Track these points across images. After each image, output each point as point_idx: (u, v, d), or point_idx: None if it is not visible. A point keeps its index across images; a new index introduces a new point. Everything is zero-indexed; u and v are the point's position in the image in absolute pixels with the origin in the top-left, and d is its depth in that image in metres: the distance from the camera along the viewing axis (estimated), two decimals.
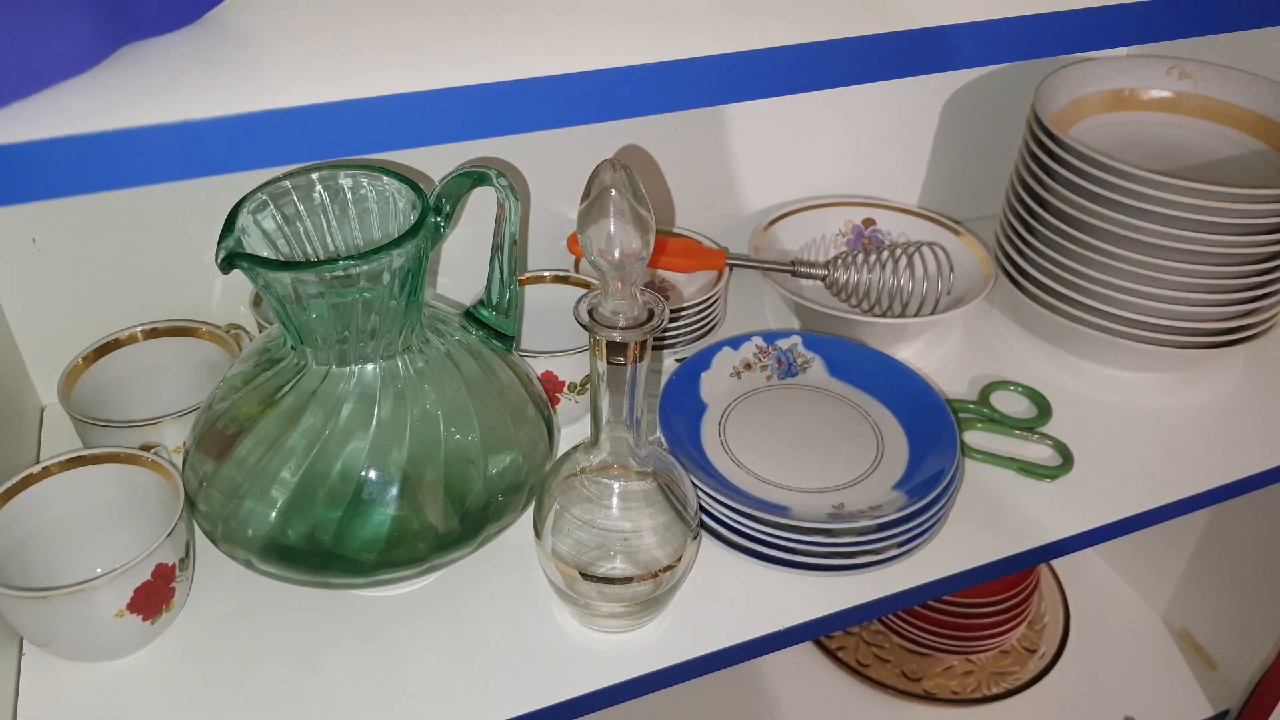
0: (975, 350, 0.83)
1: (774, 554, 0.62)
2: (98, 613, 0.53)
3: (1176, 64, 0.84)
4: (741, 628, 0.60)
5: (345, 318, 0.51)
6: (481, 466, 0.56)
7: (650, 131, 0.81)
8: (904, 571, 0.63)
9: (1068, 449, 0.73)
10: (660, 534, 0.56)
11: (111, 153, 0.31)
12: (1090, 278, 0.75)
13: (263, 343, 0.57)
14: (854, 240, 0.90)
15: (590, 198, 0.47)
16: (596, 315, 0.50)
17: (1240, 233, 0.70)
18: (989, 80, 0.91)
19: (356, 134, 0.34)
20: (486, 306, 0.61)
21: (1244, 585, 0.97)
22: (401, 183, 0.54)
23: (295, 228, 0.54)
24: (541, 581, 0.62)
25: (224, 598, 0.61)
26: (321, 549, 0.54)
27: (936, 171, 0.95)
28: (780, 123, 0.86)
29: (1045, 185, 0.76)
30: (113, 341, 0.68)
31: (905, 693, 1.00)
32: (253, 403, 0.54)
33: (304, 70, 0.35)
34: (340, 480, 0.53)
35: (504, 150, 0.76)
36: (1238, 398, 0.79)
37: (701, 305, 0.77)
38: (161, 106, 0.32)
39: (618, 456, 0.56)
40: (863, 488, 0.66)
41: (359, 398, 0.53)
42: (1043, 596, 1.10)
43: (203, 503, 0.55)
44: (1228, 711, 1.01)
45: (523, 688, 0.57)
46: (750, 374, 0.75)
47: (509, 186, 0.56)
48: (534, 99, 0.35)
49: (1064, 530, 0.67)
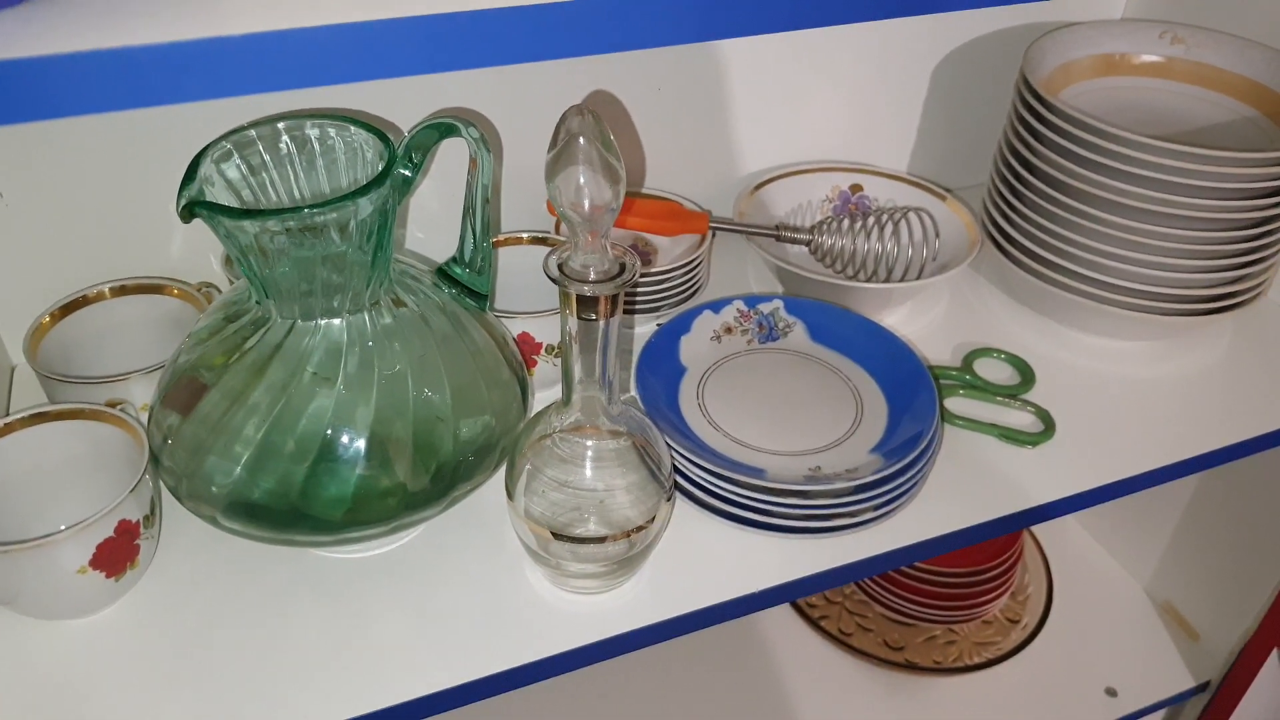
0: (960, 317, 0.82)
1: (749, 516, 0.61)
2: (60, 568, 0.52)
3: (1169, 28, 0.82)
4: (716, 589, 0.60)
5: (310, 271, 0.50)
6: (452, 425, 0.55)
7: (635, 92, 0.79)
8: (881, 535, 0.63)
9: (1050, 416, 0.72)
10: (633, 493, 0.55)
11: (47, 80, 0.30)
12: (1077, 243, 0.74)
13: (230, 295, 0.56)
14: (841, 206, 0.88)
15: (557, 146, 0.46)
16: (566, 269, 0.49)
17: (1230, 197, 0.68)
18: (978, 45, 0.89)
19: (309, 64, 0.32)
20: (459, 264, 0.60)
21: (1227, 557, 0.97)
22: (369, 133, 0.53)
23: (260, 178, 0.53)
24: (514, 542, 0.61)
25: (191, 556, 0.60)
26: (287, 506, 0.53)
27: (925, 138, 0.94)
28: (769, 86, 0.84)
29: (1033, 149, 0.75)
30: (80, 299, 0.67)
31: (887, 661, 0.99)
32: (218, 355, 0.53)
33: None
34: (306, 436, 0.52)
35: (481, 104, 0.74)
36: (1224, 365, 0.78)
37: (684, 269, 0.76)
38: (100, 31, 0.31)
39: (590, 416, 0.55)
40: (840, 451, 0.65)
41: (325, 352, 0.52)
42: (1026, 567, 1.09)
43: (167, 458, 0.54)
44: (1209, 683, 1.01)
45: (494, 649, 0.56)
46: (731, 338, 0.74)
47: (480, 139, 0.55)
48: (499, 29, 0.34)
49: (1043, 496, 0.66)
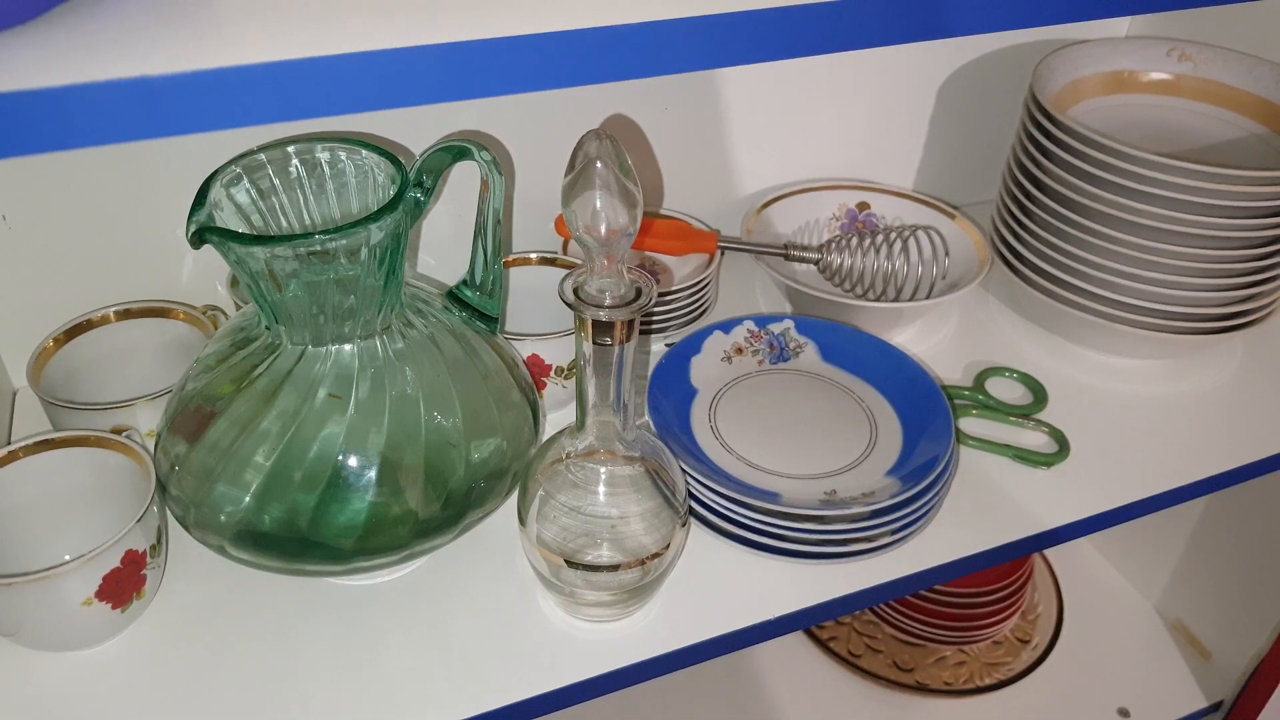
0: (970, 336, 0.82)
1: (765, 541, 0.60)
2: (65, 600, 0.52)
3: (1177, 46, 0.82)
4: (731, 617, 0.59)
5: (321, 296, 0.50)
6: (463, 451, 0.55)
7: (642, 111, 0.79)
8: (897, 559, 0.62)
9: (1064, 436, 0.71)
10: (648, 520, 0.55)
11: (63, 110, 0.30)
12: (1088, 262, 0.73)
13: (238, 321, 0.55)
14: (848, 224, 0.88)
15: (574, 170, 0.45)
16: (582, 294, 0.48)
17: (1240, 215, 0.68)
18: (986, 63, 0.89)
19: (323, 93, 0.32)
20: (470, 287, 0.59)
21: (1239, 576, 0.96)
22: (380, 156, 0.52)
23: (270, 202, 0.52)
24: (526, 569, 0.60)
25: (197, 586, 0.59)
26: (297, 535, 0.52)
27: (932, 155, 0.93)
28: (775, 105, 0.84)
29: (1042, 167, 0.74)
30: (85, 322, 0.66)
31: (897, 683, 0.98)
32: (226, 383, 0.52)
33: (268, 26, 0.33)
34: (316, 464, 0.51)
35: (491, 127, 0.74)
36: (1236, 385, 0.78)
37: (693, 289, 0.76)
38: (115, 62, 0.30)
39: (604, 441, 0.54)
40: (855, 474, 0.64)
41: (336, 379, 0.52)
42: (1036, 587, 1.08)
43: (174, 487, 0.53)
44: (1222, 702, 1.00)
45: (507, 679, 0.55)
46: (741, 358, 0.73)
47: (492, 162, 0.54)
48: (512, 58, 0.33)
49: (1060, 518, 0.66)
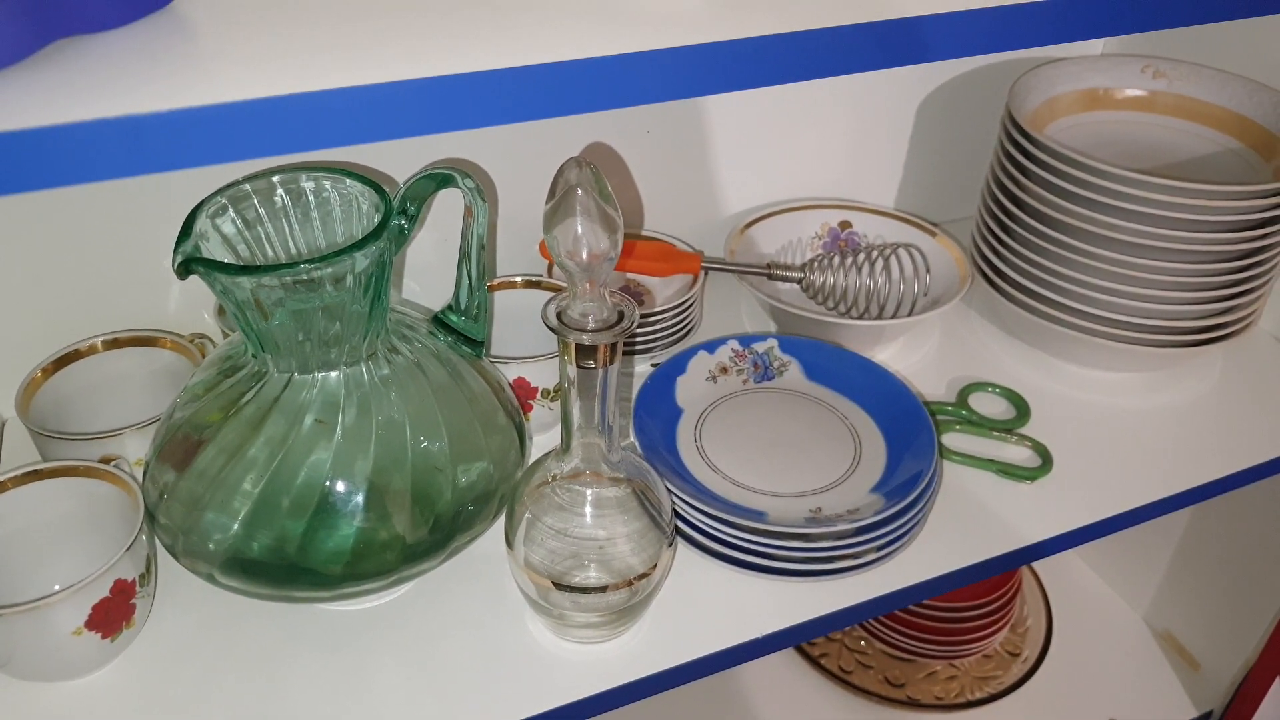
0: (953, 352, 0.82)
1: (751, 560, 0.60)
2: (55, 631, 0.52)
3: (1151, 63, 0.84)
4: (719, 636, 0.59)
5: (307, 324, 0.50)
6: (450, 475, 0.55)
7: (624, 134, 0.80)
8: (884, 575, 0.62)
9: (1047, 450, 0.72)
10: (635, 541, 0.55)
11: (51, 150, 0.30)
12: (1067, 277, 0.74)
13: (225, 350, 0.56)
14: (830, 243, 0.89)
15: (555, 197, 0.46)
16: (565, 318, 0.49)
17: (1216, 230, 0.69)
18: (964, 81, 0.90)
19: (307, 128, 0.32)
20: (455, 311, 0.60)
21: (1226, 586, 0.97)
22: (365, 185, 0.53)
23: (256, 232, 0.53)
24: (514, 592, 0.60)
25: (186, 614, 0.59)
26: (285, 562, 0.52)
27: (912, 173, 0.94)
28: (755, 126, 0.85)
29: (1020, 185, 0.75)
30: (73, 352, 0.66)
31: (888, 699, 0.99)
32: (213, 411, 0.53)
33: (252, 64, 0.34)
34: (304, 490, 0.52)
35: (474, 153, 0.75)
36: (1216, 396, 0.79)
37: (677, 309, 0.76)
38: (102, 100, 0.31)
39: (589, 463, 0.54)
40: (840, 491, 0.65)
41: (322, 405, 0.52)
42: (1025, 600, 1.09)
43: (163, 515, 0.54)
44: (1211, 712, 1.00)
45: (496, 702, 0.55)
46: (726, 378, 0.74)
47: (475, 189, 0.55)
48: (490, 92, 0.34)
49: (1044, 532, 0.66)
